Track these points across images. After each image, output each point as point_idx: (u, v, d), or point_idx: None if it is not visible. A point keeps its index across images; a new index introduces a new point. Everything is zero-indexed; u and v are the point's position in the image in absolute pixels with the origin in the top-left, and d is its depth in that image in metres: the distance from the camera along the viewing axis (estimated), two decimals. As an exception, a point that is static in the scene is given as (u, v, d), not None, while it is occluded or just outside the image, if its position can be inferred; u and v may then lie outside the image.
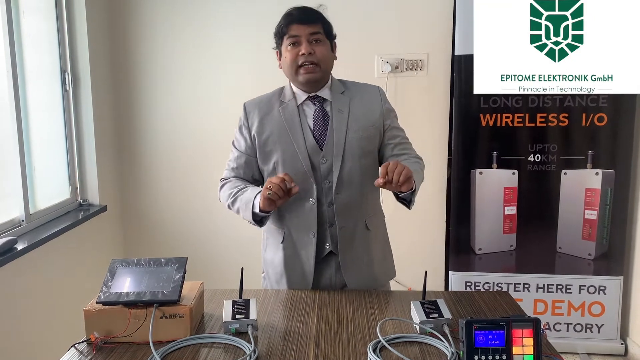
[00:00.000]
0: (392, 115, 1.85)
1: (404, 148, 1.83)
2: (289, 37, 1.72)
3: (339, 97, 1.79)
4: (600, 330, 3.10)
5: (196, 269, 2.01)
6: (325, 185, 1.76)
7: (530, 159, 3.03)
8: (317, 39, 1.72)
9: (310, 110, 1.78)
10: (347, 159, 1.74)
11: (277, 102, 1.81)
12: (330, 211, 1.76)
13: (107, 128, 3.24)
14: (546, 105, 2.97)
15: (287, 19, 1.74)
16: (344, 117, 1.76)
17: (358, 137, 1.75)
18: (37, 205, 2.69)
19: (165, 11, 3.26)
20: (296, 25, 1.71)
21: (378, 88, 1.86)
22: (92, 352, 1.35)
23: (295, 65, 1.72)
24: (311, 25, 1.72)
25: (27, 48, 2.59)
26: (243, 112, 1.84)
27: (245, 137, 1.83)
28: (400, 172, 1.54)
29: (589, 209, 3.02)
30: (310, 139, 1.75)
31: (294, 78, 1.76)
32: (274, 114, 1.79)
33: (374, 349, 1.32)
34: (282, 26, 1.74)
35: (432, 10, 3.15)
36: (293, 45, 1.72)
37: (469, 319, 1.23)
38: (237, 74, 3.30)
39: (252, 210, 1.69)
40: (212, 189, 3.39)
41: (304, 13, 1.74)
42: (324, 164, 1.75)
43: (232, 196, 1.77)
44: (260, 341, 1.41)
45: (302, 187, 1.72)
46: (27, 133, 2.58)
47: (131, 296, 1.40)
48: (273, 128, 1.78)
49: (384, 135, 1.82)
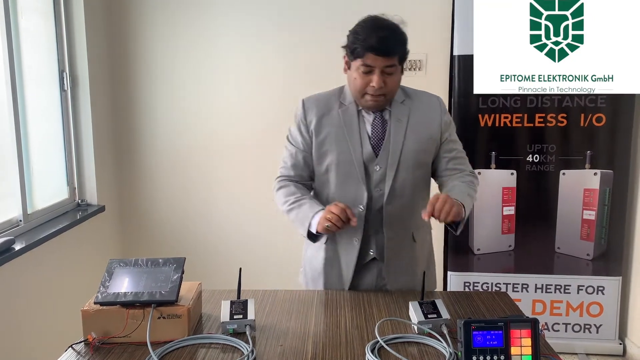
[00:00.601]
0: (450, 128, 1.81)
1: (458, 163, 1.81)
2: (362, 64, 1.64)
3: (399, 106, 1.76)
4: (598, 330, 3.10)
5: (194, 269, 2.01)
6: (375, 193, 1.74)
7: (528, 159, 3.03)
8: (391, 72, 1.65)
9: (370, 117, 1.75)
10: (401, 169, 1.73)
11: (336, 102, 1.78)
12: (377, 219, 1.75)
13: (106, 128, 3.24)
14: (545, 106, 2.97)
15: (364, 43, 1.62)
16: (402, 127, 1.73)
17: (415, 148, 1.73)
18: (35, 205, 2.69)
19: (164, 11, 3.26)
20: (373, 55, 1.62)
21: (438, 98, 1.83)
22: (90, 353, 1.35)
23: (362, 92, 1.68)
24: (389, 58, 1.63)
25: (25, 48, 2.59)
26: (301, 108, 1.80)
27: (303, 133, 1.79)
28: (448, 212, 1.53)
29: (588, 209, 3.03)
30: (367, 145, 1.73)
31: (358, 100, 1.72)
32: (333, 115, 1.76)
33: (372, 349, 1.32)
34: (357, 48, 1.64)
35: (431, 11, 3.15)
36: (365, 72, 1.65)
37: (467, 319, 1.23)
38: (235, 74, 3.29)
39: (307, 229, 1.68)
40: (210, 189, 3.43)
41: (384, 44, 1.61)
42: (377, 171, 1.73)
43: (289, 204, 1.74)
44: (258, 341, 1.41)
45: (353, 193, 1.73)
46: (25, 133, 2.58)
47: (129, 296, 1.39)
48: (331, 129, 1.75)
49: (440, 148, 1.79)
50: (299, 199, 1.74)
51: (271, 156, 3.32)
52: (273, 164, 3.29)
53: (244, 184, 3.38)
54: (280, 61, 3.27)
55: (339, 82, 3.08)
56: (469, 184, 1.76)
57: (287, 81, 3.27)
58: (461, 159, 1.83)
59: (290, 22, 3.24)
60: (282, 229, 3.37)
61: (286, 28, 3.24)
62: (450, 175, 1.80)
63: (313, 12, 3.21)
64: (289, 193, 1.77)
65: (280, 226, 3.38)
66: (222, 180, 3.39)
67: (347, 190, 1.75)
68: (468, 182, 1.77)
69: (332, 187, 1.78)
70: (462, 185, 1.73)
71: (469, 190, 1.73)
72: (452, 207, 1.54)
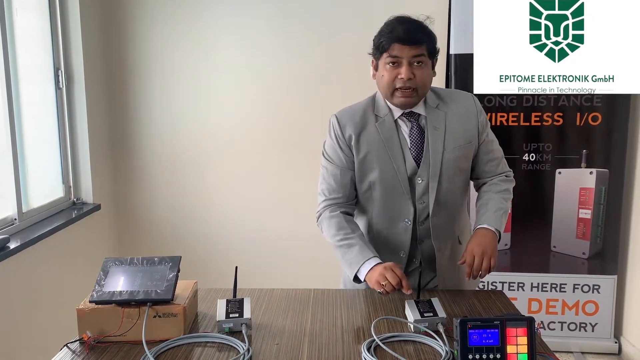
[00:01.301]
0: (487, 127, 1.78)
1: (495, 164, 1.80)
2: (389, 56, 1.60)
3: (435, 112, 1.71)
4: (594, 329, 3.11)
5: (190, 268, 2.00)
6: (419, 205, 1.72)
7: (525, 158, 3.04)
8: (419, 61, 1.61)
9: (406, 127, 1.71)
10: (443, 180, 1.70)
11: (371, 115, 1.72)
12: (423, 230, 1.74)
13: (101, 126, 3.22)
14: (541, 105, 2.98)
15: (389, 35, 1.60)
16: (440, 135, 1.69)
17: (454, 156, 1.70)
18: (30, 203, 2.68)
19: (160, 9, 3.24)
20: (399, 45, 1.58)
21: (472, 98, 1.78)
22: (85, 352, 1.35)
23: (392, 87, 1.63)
24: (415, 47, 1.59)
25: (20, 46, 2.57)
26: (337, 125, 1.73)
27: (344, 150, 1.72)
28: (487, 268, 1.57)
29: (583, 208, 3.03)
30: (409, 158, 1.69)
31: (389, 99, 1.68)
32: (370, 130, 1.70)
33: (368, 348, 1.32)
34: (383, 42, 1.61)
35: (427, 10, 3.12)
36: (392, 65, 1.61)
37: (464, 318, 1.23)
38: (233, 72, 3.29)
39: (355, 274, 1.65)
40: (206, 187, 3.43)
41: (409, 33, 1.59)
42: (419, 184, 1.70)
43: (339, 240, 1.69)
44: (254, 340, 1.40)
45: (398, 207, 1.71)
46: (20, 131, 2.56)
47: (124, 295, 1.39)
48: (371, 146, 1.70)
49: (478, 149, 1.77)
50: (349, 237, 1.68)
51: (268, 155, 3.35)
52: (269, 163, 3.33)
53: (240, 183, 3.37)
54: (278, 61, 3.26)
55: (338, 83, 3.10)
56: (504, 194, 1.76)
57: (285, 81, 3.27)
58: (498, 160, 1.81)
59: (289, 23, 3.23)
60: (278, 227, 3.39)
61: (285, 29, 3.24)
62: (487, 179, 1.80)
63: (312, 13, 3.20)
64: (339, 227, 1.70)
65: (276, 225, 3.39)
66: (218, 178, 3.38)
67: (392, 206, 1.73)
68: (503, 191, 1.77)
69: (376, 204, 1.75)
70: (497, 200, 1.73)
71: (503, 205, 1.73)
72: (489, 258, 1.57)
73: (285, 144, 3.32)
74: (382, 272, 1.56)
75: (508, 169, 1.85)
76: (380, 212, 1.75)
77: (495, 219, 1.69)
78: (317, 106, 3.15)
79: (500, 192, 1.76)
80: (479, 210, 1.75)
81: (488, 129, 1.80)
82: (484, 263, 1.58)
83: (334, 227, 1.71)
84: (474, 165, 1.80)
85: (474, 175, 1.82)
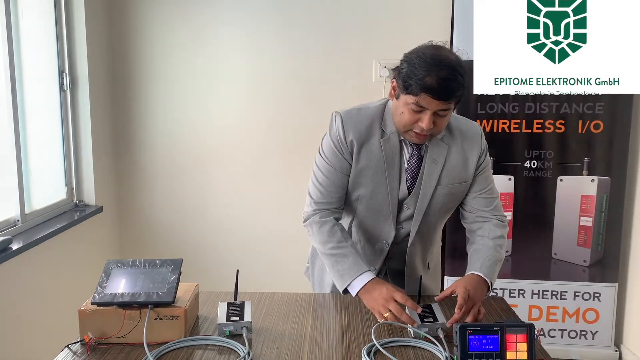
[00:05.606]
0: (485, 160, 1.71)
1: (490, 201, 1.72)
2: (415, 102, 1.47)
3: (438, 145, 1.64)
4: (594, 337, 3.10)
5: (191, 270, 2.01)
6: (399, 230, 1.72)
7: (526, 165, 3.04)
8: (444, 115, 1.51)
9: (408, 150, 1.65)
10: (429, 213, 1.69)
11: (378, 129, 1.63)
12: (398, 256, 1.75)
13: (104, 129, 3.24)
14: (543, 112, 2.98)
15: (421, 83, 1.44)
16: (437, 170, 1.64)
17: (445, 192, 1.67)
18: (33, 205, 2.68)
19: (164, 12, 3.26)
20: (430, 98, 1.44)
21: (478, 130, 1.71)
22: (86, 353, 1.35)
23: (409, 127, 1.54)
24: (446, 102, 1.47)
25: (25, 48, 2.59)
26: (340, 126, 1.64)
27: (344, 154, 1.65)
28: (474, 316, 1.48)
29: (585, 216, 3.03)
30: (403, 184, 1.66)
31: (401, 133, 1.60)
32: (373, 144, 1.63)
33: (368, 353, 1.32)
34: (412, 85, 1.45)
35: (430, 15, 3.16)
36: (414, 110, 1.49)
37: (464, 324, 1.23)
38: (236, 75, 3.30)
39: (344, 287, 1.61)
40: (209, 190, 3.44)
41: (444, 87, 1.43)
42: (406, 210, 1.69)
43: (330, 249, 1.65)
44: (254, 344, 1.41)
45: (380, 228, 1.70)
46: (24, 133, 2.58)
47: (126, 297, 1.39)
48: (370, 162, 1.64)
49: (474, 182, 1.70)
50: (341, 246, 1.64)
51: (271, 158, 3.36)
52: (271, 166, 3.34)
53: (242, 186, 3.38)
54: (281, 63, 3.27)
55: (338, 84, 3.09)
56: (499, 241, 1.69)
57: (287, 82, 3.28)
58: (493, 199, 1.73)
59: (290, 24, 3.24)
60: (280, 231, 3.39)
61: (286, 31, 3.25)
62: (479, 222, 1.73)
63: (312, 13, 3.21)
64: (331, 234, 1.66)
65: (277, 228, 3.40)
66: (221, 181, 3.39)
67: (374, 225, 1.72)
68: (499, 237, 1.69)
69: (359, 217, 1.73)
70: (493, 249, 1.66)
71: (498, 254, 1.67)
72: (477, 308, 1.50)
73: (288, 146, 3.33)
74: (384, 304, 1.50)
75: (503, 212, 1.77)
76: (361, 227, 1.75)
77: (491, 272, 1.64)
78: (319, 108, 3.15)
79: (496, 239, 1.69)
80: (473, 255, 1.69)
81: (487, 164, 1.73)
82: (472, 310, 1.49)
83: (325, 234, 1.67)
84: (467, 199, 1.73)
85: (466, 209, 1.75)
